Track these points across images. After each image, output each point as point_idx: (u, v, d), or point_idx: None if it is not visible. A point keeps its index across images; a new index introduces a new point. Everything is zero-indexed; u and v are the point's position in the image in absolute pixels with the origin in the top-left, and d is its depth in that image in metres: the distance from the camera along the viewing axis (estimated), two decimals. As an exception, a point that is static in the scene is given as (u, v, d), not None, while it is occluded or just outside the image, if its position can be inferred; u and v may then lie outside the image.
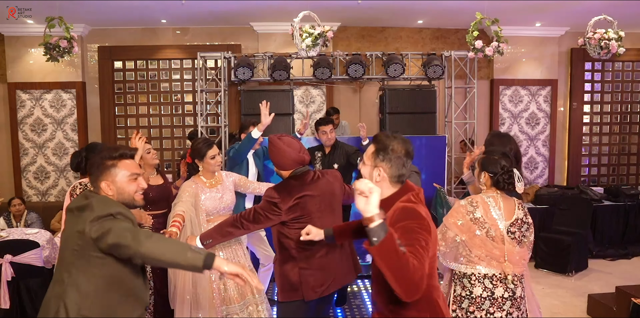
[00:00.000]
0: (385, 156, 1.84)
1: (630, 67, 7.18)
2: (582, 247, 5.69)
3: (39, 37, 4.89)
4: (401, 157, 1.84)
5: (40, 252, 4.09)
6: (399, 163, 1.84)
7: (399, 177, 1.86)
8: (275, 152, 2.63)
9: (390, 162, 1.84)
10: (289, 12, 5.16)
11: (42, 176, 6.41)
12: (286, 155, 2.61)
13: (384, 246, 1.49)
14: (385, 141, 1.86)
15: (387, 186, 1.86)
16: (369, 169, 1.89)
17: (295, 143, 2.66)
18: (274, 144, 2.64)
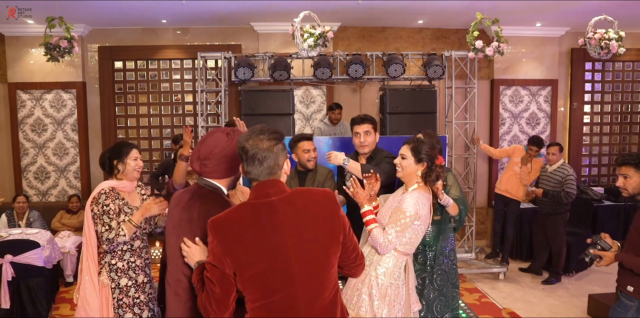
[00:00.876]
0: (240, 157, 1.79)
1: (630, 67, 7.18)
2: (582, 247, 5.67)
3: (39, 37, 4.89)
4: (253, 155, 1.71)
5: (40, 252, 4.10)
6: (251, 162, 1.72)
7: (258, 176, 1.73)
8: None
9: (245, 164, 1.74)
10: (289, 12, 5.16)
11: (43, 176, 6.41)
12: None
13: None
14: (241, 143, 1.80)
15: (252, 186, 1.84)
16: None
17: None
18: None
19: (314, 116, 6.48)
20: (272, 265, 1.65)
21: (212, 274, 1.68)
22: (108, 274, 2.73)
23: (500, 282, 5.38)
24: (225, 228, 1.67)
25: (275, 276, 1.66)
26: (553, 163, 5.32)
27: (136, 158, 2.85)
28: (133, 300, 2.76)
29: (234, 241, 1.65)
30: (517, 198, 5.76)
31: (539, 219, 5.50)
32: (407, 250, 2.59)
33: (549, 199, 5.20)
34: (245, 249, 1.65)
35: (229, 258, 1.65)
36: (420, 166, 2.63)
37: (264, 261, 1.65)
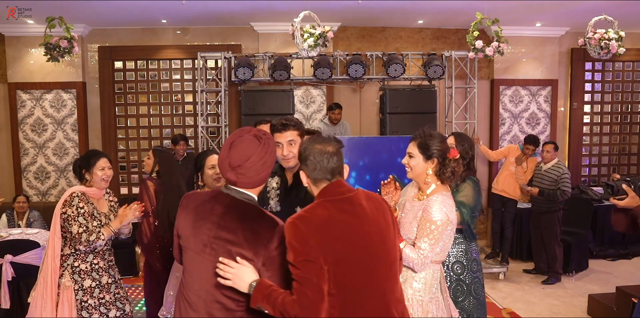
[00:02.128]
0: (304, 162, 1.85)
1: (630, 67, 7.17)
2: (582, 247, 5.70)
3: (39, 37, 4.89)
4: (315, 157, 1.82)
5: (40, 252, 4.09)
6: (315, 163, 1.81)
7: (318, 177, 1.82)
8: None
9: (307, 166, 1.83)
10: (289, 12, 5.16)
11: (43, 176, 6.41)
12: None
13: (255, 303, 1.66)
14: (305, 144, 1.88)
15: (315, 189, 1.85)
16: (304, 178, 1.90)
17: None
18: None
19: (314, 116, 6.48)
20: (363, 255, 1.73)
21: (306, 272, 1.64)
22: (71, 276, 2.76)
23: (500, 281, 5.38)
24: (319, 226, 1.69)
25: (366, 266, 1.74)
26: (547, 161, 5.32)
27: (103, 168, 2.85)
28: (99, 301, 2.81)
29: (327, 236, 1.69)
30: (514, 197, 5.77)
31: (533, 218, 5.51)
32: (441, 258, 2.39)
33: (545, 198, 5.20)
34: (340, 243, 1.70)
35: (328, 255, 1.66)
36: (430, 164, 2.35)
37: (357, 252, 1.72)
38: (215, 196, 1.85)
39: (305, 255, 1.64)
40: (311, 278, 1.63)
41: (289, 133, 2.44)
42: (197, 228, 1.81)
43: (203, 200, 1.86)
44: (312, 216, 1.72)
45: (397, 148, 5.03)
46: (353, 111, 6.64)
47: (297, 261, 1.64)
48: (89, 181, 2.87)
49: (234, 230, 1.75)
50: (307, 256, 1.64)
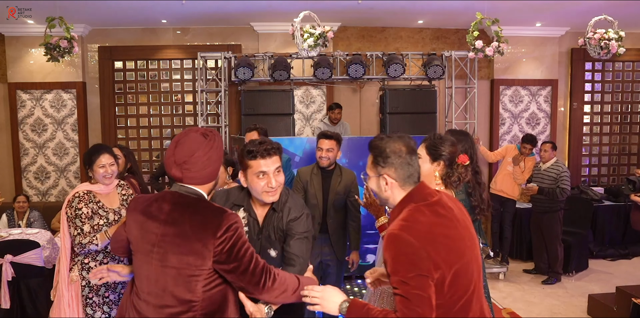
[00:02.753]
0: (386, 161, 1.69)
1: (630, 67, 7.17)
2: (582, 247, 5.70)
3: (39, 37, 4.89)
4: (402, 156, 1.69)
5: (40, 252, 4.10)
6: (404, 163, 1.69)
7: (408, 178, 1.70)
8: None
9: (394, 166, 1.68)
10: (289, 12, 5.16)
11: (43, 176, 6.41)
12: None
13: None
14: (379, 144, 1.72)
15: (399, 192, 1.71)
16: (375, 181, 1.73)
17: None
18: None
19: (314, 116, 6.48)
20: (464, 260, 1.63)
21: (418, 287, 1.52)
22: (80, 271, 2.77)
23: (500, 281, 5.38)
24: (425, 234, 1.57)
25: (468, 271, 1.63)
26: (546, 160, 5.33)
27: (104, 165, 2.79)
28: (103, 299, 2.79)
29: (435, 245, 1.57)
30: (513, 197, 5.77)
31: (534, 218, 5.51)
32: None
33: (545, 196, 5.21)
34: (446, 250, 1.58)
35: (438, 266, 1.54)
36: (436, 166, 2.33)
37: (460, 258, 1.62)
38: (162, 196, 1.79)
39: (417, 269, 1.53)
40: (422, 294, 1.52)
41: (275, 159, 2.04)
42: (145, 229, 1.74)
43: (150, 200, 1.79)
44: (415, 225, 1.59)
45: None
46: (353, 111, 6.64)
47: (407, 278, 1.52)
48: (93, 178, 2.84)
49: (180, 223, 1.69)
50: (419, 271, 1.53)
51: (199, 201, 1.75)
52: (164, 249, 1.70)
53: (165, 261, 1.69)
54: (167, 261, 1.69)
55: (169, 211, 1.73)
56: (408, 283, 1.52)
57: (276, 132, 5.63)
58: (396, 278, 1.54)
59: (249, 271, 1.70)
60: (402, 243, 1.55)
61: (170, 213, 1.72)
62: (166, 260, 1.69)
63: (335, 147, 3.43)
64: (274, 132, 5.62)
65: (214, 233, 1.65)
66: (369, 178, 1.77)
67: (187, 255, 1.66)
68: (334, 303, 1.64)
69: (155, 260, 1.71)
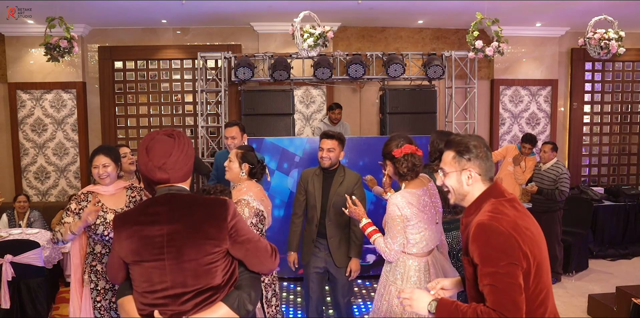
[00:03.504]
0: (471, 155, 1.77)
1: (630, 67, 7.18)
2: (582, 247, 5.69)
3: (39, 37, 4.89)
4: (484, 151, 1.78)
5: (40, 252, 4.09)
6: (486, 157, 1.78)
7: (489, 172, 1.79)
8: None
9: (479, 159, 1.77)
10: (289, 12, 5.16)
11: (43, 176, 6.41)
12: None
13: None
14: (462, 140, 1.80)
15: (480, 187, 1.78)
16: (456, 176, 1.79)
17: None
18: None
19: (314, 116, 6.48)
20: (542, 254, 1.68)
21: (511, 276, 1.56)
22: (89, 274, 2.79)
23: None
24: (513, 226, 1.62)
25: (544, 266, 1.68)
26: (546, 161, 5.32)
27: (97, 167, 2.79)
28: (109, 304, 2.78)
29: (522, 236, 1.62)
30: None
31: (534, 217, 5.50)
32: (420, 250, 2.53)
33: (543, 196, 5.21)
34: (529, 243, 1.63)
35: (526, 257, 1.60)
36: (389, 166, 2.62)
37: (539, 252, 1.67)
38: (150, 202, 1.78)
39: (509, 257, 1.56)
40: (514, 282, 1.55)
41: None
42: (145, 236, 1.72)
43: (138, 211, 1.78)
44: (503, 216, 1.65)
45: (397, 148, 5.03)
46: (353, 111, 6.64)
47: (499, 266, 1.56)
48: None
49: (186, 217, 1.72)
50: (511, 259, 1.57)
51: (193, 196, 1.80)
52: (176, 246, 1.71)
53: (182, 256, 1.70)
54: (184, 256, 1.70)
55: (167, 211, 1.74)
56: (499, 272, 1.55)
57: (276, 132, 5.63)
58: (487, 268, 1.58)
59: (260, 243, 1.82)
60: (493, 232, 1.59)
61: (169, 213, 1.73)
62: (182, 255, 1.70)
63: (337, 147, 3.33)
64: (274, 132, 5.62)
65: (224, 219, 1.73)
66: (447, 174, 1.81)
67: (204, 244, 1.70)
68: (423, 302, 1.70)
69: (168, 260, 1.71)
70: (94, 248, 2.80)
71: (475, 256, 1.62)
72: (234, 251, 1.77)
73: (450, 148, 1.81)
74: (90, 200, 2.80)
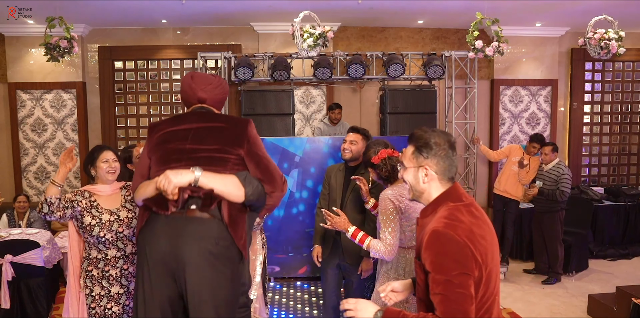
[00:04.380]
0: (429, 152, 1.69)
1: (630, 67, 7.18)
2: (582, 247, 5.69)
3: (39, 37, 4.89)
4: (445, 149, 1.69)
5: (40, 252, 4.09)
6: (446, 156, 1.69)
7: (447, 172, 1.70)
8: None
9: (437, 157, 1.68)
10: (289, 12, 5.16)
11: (43, 176, 6.41)
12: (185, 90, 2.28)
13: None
14: (424, 136, 1.72)
15: (437, 186, 1.71)
16: (413, 172, 1.72)
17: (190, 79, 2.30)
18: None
19: (314, 116, 6.48)
20: (495, 263, 1.64)
21: (463, 286, 1.51)
22: (84, 280, 2.73)
23: (500, 282, 5.37)
24: (468, 233, 1.57)
25: (496, 275, 1.64)
26: (548, 162, 5.33)
27: (107, 160, 2.79)
28: (104, 311, 2.71)
29: (476, 245, 1.57)
30: (516, 198, 5.76)
31: (535, 218, 5.51)
32: (411, 244, 2.60)
33: (544, 197, 5.21)
34: (483, 252, 1.58)
35: (478, 266, 1.54)
36: (374, 174, 2.85)
37: (492, 261, 1.62)
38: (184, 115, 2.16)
39: (462, 267, 1.52)
40: (466, 293, 1.51)
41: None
42: (175, 131, 2.09)
43: (172, 120, 2.17)
44: (459, 224, 1.59)
45: (397, 148, 5.02)
46: (353, 111, 6.64)
47: (452, 276, 1.52)
48: (95, 176, 2.83)
49: (215, 121, 2.10)
50: (464, 269, 1.52)
51: (220, 114, 2.20)
52: (199, 137, 2.04)
53: (201, 143, 2.01)
54: (203, 143, 2.01)
55: (198, 117, 2.11)
56: (451, 281, 1.51)
57: (276, 132, 5.63)
58: (438, 277, 1.53)
59: (273, 164, 2.10)
60: (448, 240, 1.54)
61: (201, 117, 2.11)
62: (202, 142, 2.01)
63: (361, 141, 3.37)
64: (274, 132, 5.62)
65: (245, 128, 2.08)
66: (406, 169, 1.76)
67: (224, 139, 2.02)
68: (368, 313, 1.66)
69: (189, 144, 2.03)
70: (89, 253, 2.72)
71: (427, 264, 1.57)
72: (248, 160, 2.04)
73: (411, 143, 1.75)
74: (86, 197, 2.77)
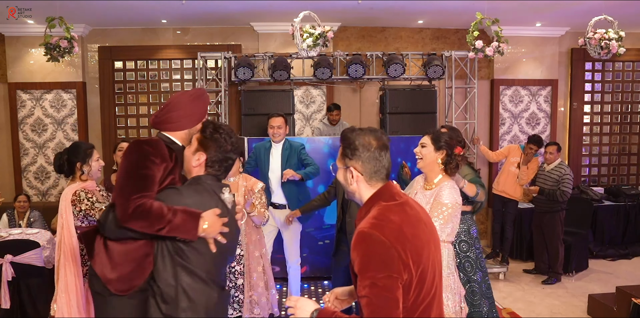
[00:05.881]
0: (353, 154, 1.64)
1: (630, 67, 7.17)
2: (582, 247, 5.69)
3: (39, 37, 4.89)
4: (372, 150, 1.63)
5: (40, 252, 4.10)
6: (371, 158, 1.63)
7: (375, 174, 1.64)
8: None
9: (361, 158, 1.63)
10: (289, 12, 5.16)
11: (43, 176, 6.41)
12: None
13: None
14: (350, 136, 1.66)
15: (366, 187, 1.66)
16: (342, 173, 1.69)
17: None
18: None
19: (314, 116, 6.48)
20: (431, 262, 1.61)
21: (388, 289, 1.46)
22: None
23: (500, 281, 5.38)
24: (397, 234, 1.52)
25: (433, 273, 1.61)
26: (550, 162, 5.33)
27: (98, 159, 2.95)
28: None
29: (405, 245, 1.52)
30: (515, 198, 5.77)
31: (536, 217, 5.51)
32: (451, 239, 2.73)
33: (545, 197, 5.21)
34: (415, 252, 1.54)
35: (407, 267, 1.50)
36: (439, 154, 2.76)
37: (427, 260, 1.59)
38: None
39: (388, 269, 1.47)
40: (391, 297, 1.46)
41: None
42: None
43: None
44: (387, 224, 1.53)
45: (397, 148, 5.04)
46: (353, 111, 6.64)
47: (377, 278, 1.46)
48: (85, 174, 2.88)
49: None
50: (390, 271, 1.47)
51: None
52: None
53: None
54: None
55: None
56: (377, 284, 1.46)
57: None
58: (364, 279, 1.48)
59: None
60: (373, 242, 1.49)
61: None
62: None
63: None
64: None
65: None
66: (338, 169, 1.72)
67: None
68: (306, 312, 1.63)
69: None
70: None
71: (355, 265, 1.52)
72: None
73: (340, 143, 1.70)
74: (86, 198, 2.84)
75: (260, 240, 3.63)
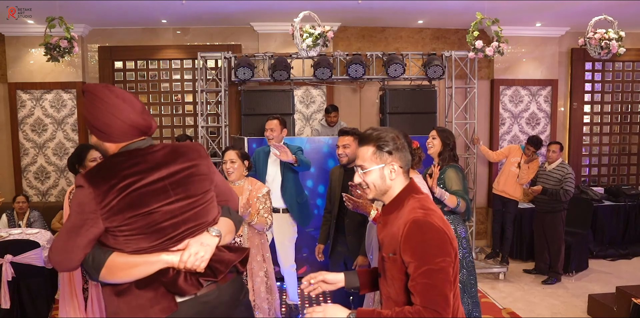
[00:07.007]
0: (392, 148, 1.70)
1: (630, 67, 7.17)
2: (582, 247, 5.69)
3: (39, 37, 4.89)
4: (403, 143, 1.73)
5: (40, 252, 4.10)
6: (404, 149, 1.73)
7: (407, 164, 1.75)
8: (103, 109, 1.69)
9: (399, 152, 1.71)
10: (289, 12, 5.16)
11: (43, 176, 6.41)
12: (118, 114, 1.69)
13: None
14: (380, 134, 1.72)
15: (401, 181, 1.73)
16: (379, 172, 1.70)
17: (134, 100, 1.76)
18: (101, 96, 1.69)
19: (314, 116, 6.48)
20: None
21: (445, 272, 1.56)
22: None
23: (500, 282, 5.38)
24: (444, 222, 1.66)
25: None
26: (552, 161, 5.33)
27: (95, 159, 2.88)
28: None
29: (451, 231, 1.68)
30: (515, 198, 5.77)
31: (537, 217, 5.51)
32: None
33: (548, 196, 5.21)
34: (453, 236, 1.68)
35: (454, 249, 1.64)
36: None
37: (456, 246, 1.75)
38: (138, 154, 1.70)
39: (445, 253, 1.57)
40: (447, 279, 1.55)
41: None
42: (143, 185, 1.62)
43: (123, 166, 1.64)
44: (434, 212, 1.64)
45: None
46: (353, 111, 6.64)
47: (436, 262, 1.55)
48: None
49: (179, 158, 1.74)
50: (446, 255, 1.57)
51: (175, 143, 1.85)
52: (183, 185, 1.71)
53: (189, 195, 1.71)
54: (190, 193, 1.72)
55: (162, 156, 1.72)
56: (433, 268, 1.54)
57: (276, 132, 5.62)
58: (423, 265, 1.54)
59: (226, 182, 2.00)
60: (429, 229, 1.58)
61: (164, 157, 1.72)
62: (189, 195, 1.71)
63: (353, 143, 3.31)
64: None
65: (207, 156, 1.87)
66: (368, 171, 1.71)
67: (203, 180, 1.78)
68: (341, 313, 1.61)
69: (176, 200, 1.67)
70: None
71: (409, 255, 1.58)
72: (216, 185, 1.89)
73: (368, 143, 1.72)
74: None
75: (263, 244, 3.59)
